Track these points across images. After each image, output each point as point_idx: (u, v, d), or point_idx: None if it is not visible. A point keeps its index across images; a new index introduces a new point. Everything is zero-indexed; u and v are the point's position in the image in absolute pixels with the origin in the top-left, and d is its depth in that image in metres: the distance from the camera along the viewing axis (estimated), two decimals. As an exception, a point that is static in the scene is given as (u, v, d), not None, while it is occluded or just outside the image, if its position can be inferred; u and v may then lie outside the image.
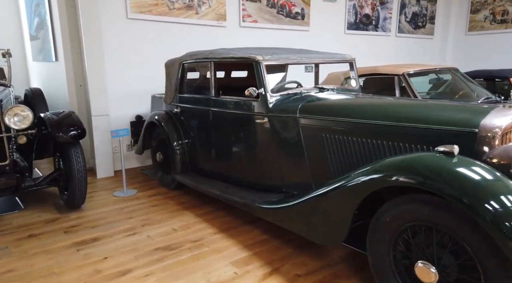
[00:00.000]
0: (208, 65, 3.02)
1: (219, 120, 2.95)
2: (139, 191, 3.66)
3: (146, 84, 4.57)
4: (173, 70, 3.52)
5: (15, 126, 2.84)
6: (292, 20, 5.95)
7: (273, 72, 4.10)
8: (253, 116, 2.64)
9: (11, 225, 2.85)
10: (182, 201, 3.37)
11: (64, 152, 3.03)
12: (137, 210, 3.16)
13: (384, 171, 1.56)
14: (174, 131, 3.47)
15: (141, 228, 2.79)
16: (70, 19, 4.19)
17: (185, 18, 4.75)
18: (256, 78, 2.59)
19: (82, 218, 2.99)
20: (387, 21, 7.49)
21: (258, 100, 2.58)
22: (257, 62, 2.57)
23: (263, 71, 2.55)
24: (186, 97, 3.33)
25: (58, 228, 2.80)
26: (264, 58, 2.58)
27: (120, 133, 3.55)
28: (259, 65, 2.56)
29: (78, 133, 2.98)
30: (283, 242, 2.51)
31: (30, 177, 2.86)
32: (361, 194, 1.64)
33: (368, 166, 1.68)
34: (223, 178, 3.06)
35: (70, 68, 4.30)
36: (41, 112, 3.41)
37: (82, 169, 3.01)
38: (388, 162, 1.61)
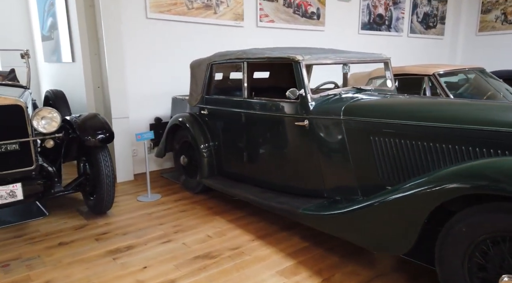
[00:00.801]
0: (240, 66, 2.92)
1: (253, 123, 2.86)
2: (163, 196, 3.56)
3: (165, 85, 4.48)
4: (199, 71, 3.42)
5: (44, 130, 2.73)
6: (308, 20, 5.88)
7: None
8: (292, 118, 2.54)
9: (39, 233, 2.74)
10: (210, 206, 3.27)
11: (91, 156, 2.92)
12: (166, 216, 3.06)
13: (471, 177, 1.46)
14: (201, 134, 3.37)
15: (175, 235, 2.69)
16: (88, 19, 4.08)
17: (203, 18, 4.66)
18: (295, 79, 2.50)
19: (111, 225, 2.89)
20: (399, 21, 7.43)
21: (298, 102, 2.49)
22: (297, 62, 2.48)
23: (303, 72, 2.46)
24: (215, 98, 3.23)
25: (88, 235, 2.69)
26: (304, 58, 2.49)
27: (145, 136, 3.45)
28: (299, 65, 2.47)
29: (106, 137, 2.87)
30: (326, 250, 2.41)
31: (60, 182, 2.75)
32: (437, 200, 1.55)
33: (444, 171, 1.58)
34: (255, 182, 2.97)
35: (88, 69, 4.20)
36: (65, 115, 3.30)
37: (111, 173, 2.90)
38: (470, 166, 1.51)
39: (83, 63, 4.15)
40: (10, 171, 2.64)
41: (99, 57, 4.21)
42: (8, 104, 2.61)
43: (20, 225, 2.87)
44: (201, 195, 3.55)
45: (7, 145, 2.60)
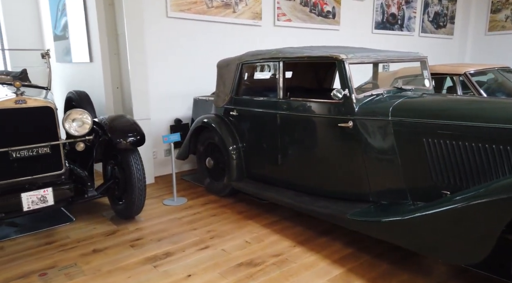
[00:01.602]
0: (275, 66, 2.83)
1: (289, 124, 2.77)
2: (188, 199, 3.46)
3: (184, 86, 4.38)
4: (228, 71, 3.33)
5: (76, 133, 2.64)
6: (324, 19, 5.81)
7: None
8: (334, 119, 2.46)
9: (70, 239, 2.64)
10: (240, 210, 3.18)
11: (121, 159, 2.82)
12: (197, 221, 2.96)
13: None
14: (229, 136, 3.28)
15: (211, 241, 2.60)
16: (108, 18, 3.98)
17: (222, 17, 4.57)
18: (339, 79, 2.42)
19: (143, 230, 2.79)
20: (411, 20, 7.38)
21: (341, 102, 2.40)
22: (340, 61, 2.40)
23: (347, 71, 2.38)
24: (245, 99, 3.14)
25: (121, 242, 2.59)
26: (347, 56, 2.40)
27: (172, 138, 3.36)
28: (343, 64, 2.38)
29: (137, 140, 2.78)
30: (374, 256, 2.33)
31: (93, 186, 2.65)
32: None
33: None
34: (289, 185, 2.88)
35: (108, 69, 4.09)
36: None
37: (142, 177, 2.81)
38: None
39: (102, 63, 4.04)
40: (40, 175, 2.55)
41: (118, 56, 4.11)
42: (39, 106, 2.52)
43: (47, 231, 2.77)
44: (227, 198, 3.46)
45: (39, 149, 2.50)
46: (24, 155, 2.45)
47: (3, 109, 2.37)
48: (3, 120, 2.37)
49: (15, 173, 2.45)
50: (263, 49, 3.05)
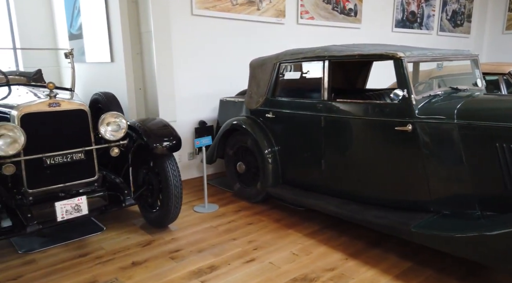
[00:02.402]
0: (319, 65, 2.67)
1: (335, 127, 2.60)
2: (219, 206, 3.30)
3: (208, 86, 4.22)
4: (262, 71, 3.16)
5: (112, 137, 2.47)
6: (346, 17, 5.65)
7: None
8: (390, 122, 2.29)
9: (104, 250, 2.47)
10: (276, 218, 3.02)
11: (156, 164, 2.66)
12: (234, 230, 2.80)
13: None
14: (264, 139, 3.11)
15: (255, 253, 2.43)
16: (131, 16, 3.82)
17: (246, 15, 4.41)
18: (396, 78, 2.25)
19: (180, 240, 2.63)
20: (430, 18, 7.22)
21: (398, 104, 2.24)
22: (398, 59, 2.23)
23: (406, 70, 2.21)
24: (283, 101, 2.97)
25: (160, 253, 2.43)
26: (405, 54, 2.24)
27: (203, 141, 3.20)
28: (402, 63, 2.22)
29: (174, 145, 2.61)
30: (438, 271, 2.16)
31: (130, 194, 2.48)
32: None
33: None
34: (335, 193, 2.71)
35: (130, 70, 3.93)
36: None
37: (179, 184, 2.64)
38: None
39: (125, 64, 3.88)
40: (72, 182, 2.39)
41: (141, 56, 3.95)
42: (73, 109, 2.36)
43: (78, 241, 2.61)
44: (260, 205, 3.29)
45: (73, 154, 2.34)
46: (58, 161, 2.29)
47: (36, 112, 2.21)
48: (37, 124, 2.20)
49: (48, 180, 2.29)
50: (303, 48, 2.88)
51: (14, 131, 2.05)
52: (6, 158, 2.07)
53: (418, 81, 3.22)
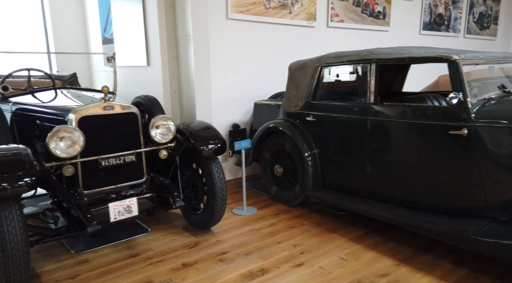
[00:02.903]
0: (364, 68, 2.65)
1: (383, 131, 2.58)
2: (257, 208, 3.30)
3: (241, 89, 4.25)
4: (303, 74, 3.16)
5: (162, 140, 2.51)
6: (375, 20, 5.61)
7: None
8: (444, 126, 2.25)
9: (153, 251, 2.50)
10: (317, 222, 3.00)
11: (201, 167, 2.69)
12: (277, 233, 2.80)
13: None
14: (304, 142, 3.11)
15: (303, 257, 2.43)
16: (168, 21, 3.88)
17: (278, 18, 4.43)
18: (451, 82, 2.22)
19: (225, 243, 2.64)
20: (457, 21, 7.10)
21: (452, 107, 2.20)
22: (453, 62, 2.20)
23: (461, 73, 2.18)
24: (324, 104, 2.97)
25: (208, 255, 2.45)
26: (460, 57, 2.21)
27: (243, 144, 3.21)
28: (457, 66, 2.19)
29: (219, 148, 2.63)
30: (495, 279, 2.11)
31: (179, 196, 2.51)
32: None
33: None
34: (382, 197, 2.68)
35: (166, 73, 3.99)
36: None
37: (224, 186, 2.66)
38: None
39: (161, 67, 3.94)
40: (123, 184, 2.43)
41: (177, 60, 4.00)
42: (125, 112, 2.40)
43: (126, 242, 2.65)
44: (298, 208, 3.29)
45: (125, 157, 2.39)
46: (112, 163, 2.34)
47: (93, 115, 2.26)
48: (93, 127, 2.25)
49: (101, 182, 2.34)
50: (346, 51, 2.87)
51: (75, 134, 2.10)
52: (66, 160, 2.12)
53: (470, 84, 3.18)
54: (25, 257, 1.84)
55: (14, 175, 1.79)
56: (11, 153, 1.89)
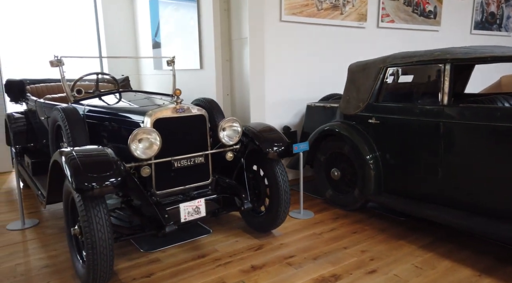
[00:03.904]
0: (437, 68, 2.54)
1: (458, 134, 2.45)
2: (314, 212, 3.25)
3: (291, 91, 4.22)
4: (364, 75, 3.09)
5: (230, 141, 2.53)
6: (425, 20, 5.42)
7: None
8: (530, 130, 2.11)
9: (219, 253, 2.52)
10: (380, 227, 2.91)
11: (265, 169, 2.68)
12: (341, 238, 2.73)
13: None
14: (365, 145, 3.03)
15: (374, 263, 2.35)
16: (223, 24, 3.93)
17: (330, 20, 4.37)
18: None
19: (289, 246, 2.61)
20: (510, 19, 6.72)
21: (541, 111, 2.06)
22: (543, 63, 2.06)
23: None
24: (390, 106, 2.87)
25: (275, 258, 2.43)
26: (551, 58, 2.06)
27: (301, 147, 3.17)
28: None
29: (284, 150, 2.61)
30: None
31: (247, 198, 2.51)
32: None
33: None
34: (453, 203, 2.55)
35: (220, 76, 4.03)
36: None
37: (288, 189, 2.63)
38: None
39: (215, 71, 3.99)
40: (190, 185, 2.46)
41: (230, 63, 4.04)
42: (195, 114, 2.43)
43: (191, 242, 2.68)
44: (356, 213, 3.20)
45: (195, 158, 2.42)
46: (183, 165, 2.38)
47: (166, 118, 2.31)
48: (166, 129, 2.30)
49: (172, 183, 2.38)
50: (416, 51, 2.77)
51: (152, 135, 2.15)
52: (143, 161, 2.18)
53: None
54: (111, 255, 1.90)
55: (102, 175, 1.85)
56: (98, 153, 1.96)
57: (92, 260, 1.84)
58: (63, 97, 3.53)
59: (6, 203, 3.61)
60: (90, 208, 1.85)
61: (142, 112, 2.34)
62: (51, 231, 2.90)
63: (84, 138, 2.41)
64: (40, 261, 2.40)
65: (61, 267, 2.32)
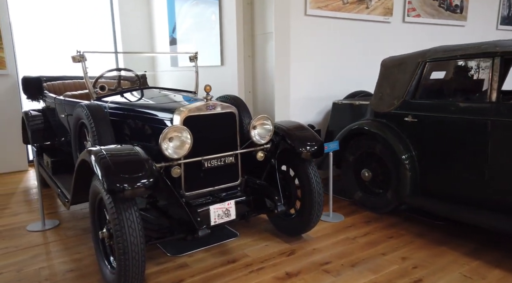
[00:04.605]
0: (486, 62, 2.37)
1: (509, 133, 2.27)
2: (344, 215, 3.10)
3: (315, 88, 4.06)
4: (400, 71, 2.92)
5: (262, 140, 2.39)
6: (451, 14, 5.21)
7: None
8: None
9: (250, 258, 2.38)
10: (417, 232, 2.75)
11: (297, 170, 2.53)
12: (377, 243, 2.57)
13: None
14: (400, 144, 2.86)
15: (418, 272, 2.19)
16: (246, 19, 3.78)
17: (355, 14, 4.20)
18: None
19: (322, 251, 2.46)
20: (538, 13, 6.44)
21: None
22: None
23: None
24: (430, 103, 2.70)
25: (310, 265, 2.28)
26: None
27: (331, 146, 3.02)
28: None
29: (317, 150, 2.46)
30: None
31: (280, 200, 2.37)
32: None
33: None
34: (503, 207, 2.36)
35: (242, 73, 3.89)
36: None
37: (322, 191, 2.49)
38: None
39: (237, 67, 3.85)
40: (219, 186, 2.32)
41: (252, 59, 3.90)
42: (226, 112, 2.30)
43: (218, 246, 2.55)
44: (389, 216, 3.04)
45: (226, 158, 2.28)
46: (213, 165, 2.24)
47: (197, 115, 2.17)
48: (196, 127, 2.16)
49: (202, 184, 2.25)
50: (460, 44, 2.59)
51: (184, 134, 2.03)
52: (174, 160, 2.05)
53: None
54: (143, 260, 1.77)
55: (134, 175, 1.73)
56: (129, 152, 1.84)
57: (124, 266, 1.72)
58: (83, 95, 3.43)
59: (25, 203, 3.53)
60: (122, 211, 1.72)
61: (170, 109, 2.21)
62: (72, 232, 2.80)
63: (110, 136, 2.29)
64: (64, 264, 2.29)
65: (86, 271, 2.21)
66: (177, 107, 2.19)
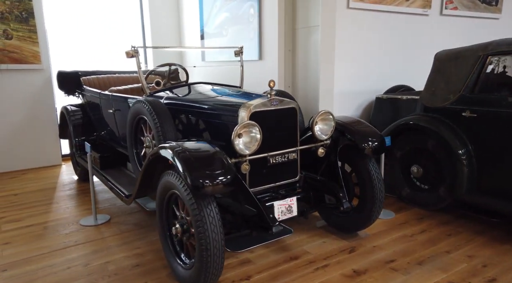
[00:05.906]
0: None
1: None
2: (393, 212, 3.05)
3: (357, 83, 3.98)
4: (457, 65, 2.84)
5: (324, 136, 2.35)
6: (487, 7, 5.06)
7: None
8: None
9: (311, 255, 2.35)
10: (474, 229, 2.69)
11: (357, 166, 2.49)
12: (438, 241, 2.53)
13: None
14: (456, 139, 2.79)
15: (489, 271, 2.14)
16: (287, 11, 3.72)
17: (395, 7, 4.10)
18: None
19: (383, 249, 2.42)
20: None
21: None
22: None
23: None
24: (492, 98, 2.61)
25: (375, 263, 2.24)
26: None
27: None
28: None
29: (379, 145, 2.41)
30: None
31: (345, 198, 2.33)
32: None
33: None
34: None
35: (282, 68, 3.84)
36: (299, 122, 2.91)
37: (383, 187, 2.44)
38: None
39: (278, 62, 3.80)
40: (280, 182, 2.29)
41: (292, 53, 3.84)
42: (288, 107, 2.26)
43: (275, 242, 2.52)
44: (440, 213, 2.99)
45: (289, 154, 2.25)
46: (278, 161, 2.21)
47: (262, 111, 2.13)
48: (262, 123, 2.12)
49: (264, 180, 2.22)
50: (525, 37, 2.50)
51: (254, 130, 1.99)
52: (243, 156, 2.02)
53: None
54: (222, 257, 1.76)
55: (214, 172, 1.71)
56: (207, 149, 1.82)
57: (205, 262, 1.71)
58: (127, 90, 3.42)
59: (68, 197, 3.55)
60: (203, 207, 1.70)
61: (235, 105, 2.18)
62: (125, 227, 2.80)
63: (173, 132, 2.27)
64: (128, 259, 2.29)
65: (152, 266, 2.20)
66: (242, 103, 2.15)
